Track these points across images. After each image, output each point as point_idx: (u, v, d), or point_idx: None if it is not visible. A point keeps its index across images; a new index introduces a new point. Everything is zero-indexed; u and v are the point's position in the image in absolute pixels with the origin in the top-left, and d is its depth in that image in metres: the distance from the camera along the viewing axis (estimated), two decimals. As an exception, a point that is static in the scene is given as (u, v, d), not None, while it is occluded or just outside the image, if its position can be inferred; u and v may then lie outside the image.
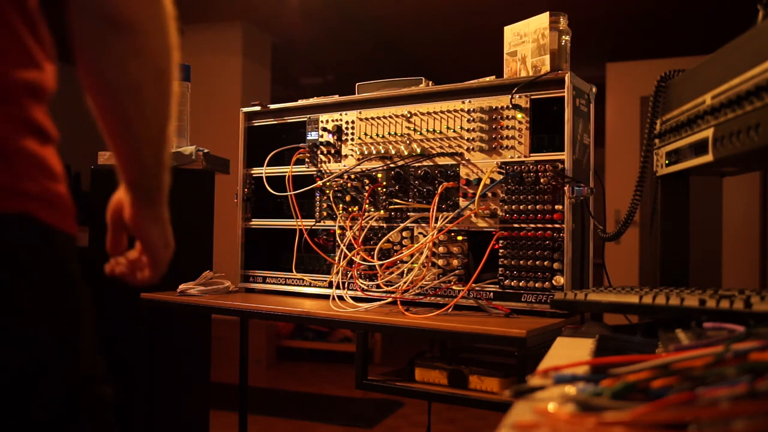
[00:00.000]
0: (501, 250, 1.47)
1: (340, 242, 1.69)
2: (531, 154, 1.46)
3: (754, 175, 4.55)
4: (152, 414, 1.87)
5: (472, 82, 1.57)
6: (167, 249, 0.81)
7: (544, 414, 0.43)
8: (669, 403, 0.40)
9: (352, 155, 1.74)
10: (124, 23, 0.64)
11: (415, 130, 1.63)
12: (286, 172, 1.82)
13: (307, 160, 1.82)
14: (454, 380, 1.39)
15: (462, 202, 1.54)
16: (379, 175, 1.68)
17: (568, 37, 1.53)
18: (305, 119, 1.84)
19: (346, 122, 1.75)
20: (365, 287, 1.63)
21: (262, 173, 1.89)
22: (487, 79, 1.56)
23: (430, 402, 1.71)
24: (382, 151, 1.67)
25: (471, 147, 1.54)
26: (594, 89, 1.55)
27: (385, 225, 1.66)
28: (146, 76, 0.67)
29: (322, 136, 1.79)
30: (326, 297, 1.68)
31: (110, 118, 0.69)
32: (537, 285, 1.42)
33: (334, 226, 1.75)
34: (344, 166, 1.75)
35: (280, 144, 1.87)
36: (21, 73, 0.62)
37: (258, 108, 1.93)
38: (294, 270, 1.81)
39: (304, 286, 1.80)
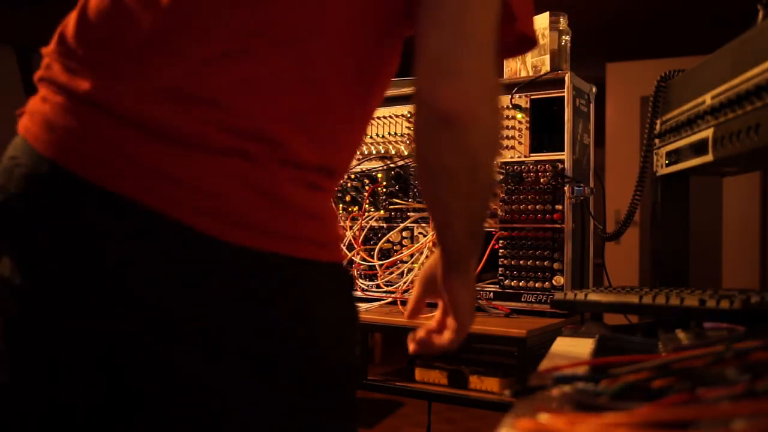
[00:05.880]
0: (501, 250, 1.47)
1: (340, 242, 1.69)
2: (531, 154, 1.46)
3: (754, 175, 4.54)
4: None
5: (472, 82, 1.56)
6: (473, 315, 0.86)
7: (544, 414, 0.43)
8: (669, 403, 0.40)
9: (352, 155, 1.73)
10: (452, 121, 0.68)
11: (415, 130, 1.62)
12: (286, 172, 1.82)
13: (307, 160, 1.82)
14: (454, 380, 1.39)
15: (462, 202, 1.54)
16: (379, 175, 1.68)
17: (568, 37, 1.53)
18: (305, 119, 1.84)
19: (346, 122, 1.75)
20: (365, 287, 1.63)
21: (262, 173, 1.89)
22: (487, 79, 1.56)
23: (430, 402, 1.70)
24: (382, 151, 1.67)
25: (471, 147, 1.54)
26: (594, 89, 1.55)
27: (385, 225, 1.65)
28: (462, 167, 0.72)
29: (322, 136, 1.79)
30: (326, 297, 1.67)
31: (427, 193, 0.79)
32: (537, 285, 1.42)
33: (334, 226, 1.75)
34: (344, 166, 1.75)
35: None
36: None
37: (258, 108, 1.92)
38: (294, 270, 1.80)
39: (304, 286, 1.79)
